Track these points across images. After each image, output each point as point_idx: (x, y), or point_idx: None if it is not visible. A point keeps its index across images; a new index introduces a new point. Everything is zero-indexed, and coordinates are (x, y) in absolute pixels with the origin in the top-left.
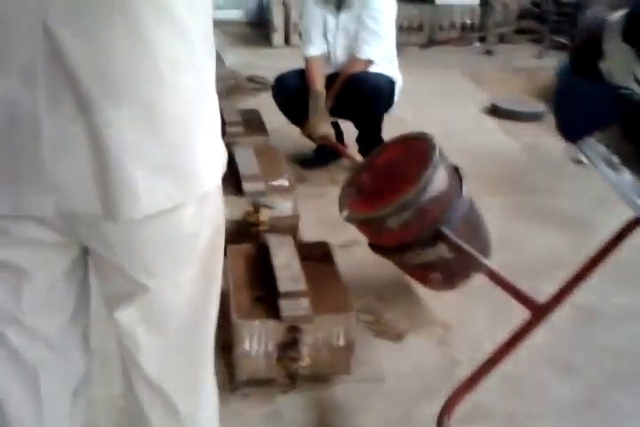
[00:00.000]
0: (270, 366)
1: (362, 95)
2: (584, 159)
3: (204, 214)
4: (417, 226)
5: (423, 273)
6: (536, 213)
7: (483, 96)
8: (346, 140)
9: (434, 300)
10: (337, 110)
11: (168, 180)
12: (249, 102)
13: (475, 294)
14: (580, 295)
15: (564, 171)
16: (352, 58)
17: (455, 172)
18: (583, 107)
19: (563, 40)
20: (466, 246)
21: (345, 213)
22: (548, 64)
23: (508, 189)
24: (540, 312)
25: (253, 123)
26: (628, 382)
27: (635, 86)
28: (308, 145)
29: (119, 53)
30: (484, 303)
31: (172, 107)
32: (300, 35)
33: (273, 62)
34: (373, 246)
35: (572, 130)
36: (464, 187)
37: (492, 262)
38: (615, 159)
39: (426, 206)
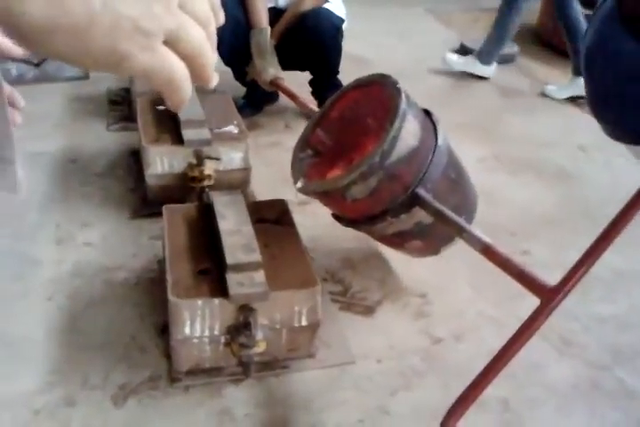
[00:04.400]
0: (217, 354)
1: (320, 35)
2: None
3: None
4: (387, 193)
5: (400, 242)
6: (514, 164)
7: (450, 36)
8: (295, 83)
9: (408, 264)
10: (285, 60)
11: None
12: None
13: (453, 255)
14: (570, 258)
15: (540, 116)
16: None
17: (426, 117)
18: None
19: None
20: (449, 213)
21: (300, 183)
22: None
23: (482, 138)
24: (550, 298)
25: None
26: (632, 358)
27: None
28: (234, 87)
29: None
30: (464, 266)
31: None
32: None
33: None
34: (338, 218)
35: (629, 130)
36: (439, 135)
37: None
38: None
39: (395, 169)
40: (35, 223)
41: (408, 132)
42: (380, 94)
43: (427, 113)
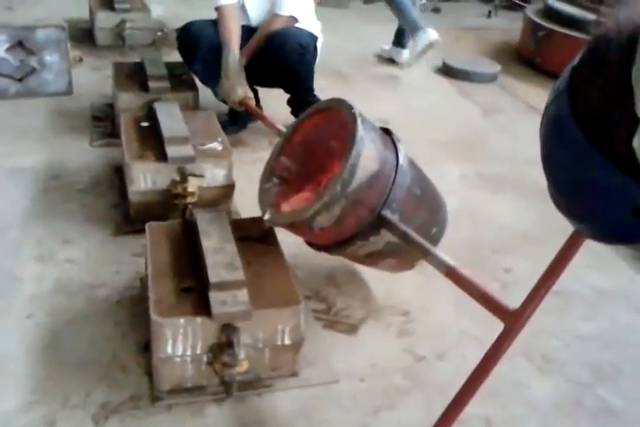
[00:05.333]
0: (200, 373)
1: (285, 55)
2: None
3: None
4: (353, 218)
5: (373, 261)
6: (498, 183)
7: (433, 55)
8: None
9: (391, 282)
10: (257, 78)
11: None
12: (177, 56)
13: (435, 274)
14: None
15: (522, 134)
16: (272, 15)
17: (386, 135)
18: (608, 209)
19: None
20: (414, 236)
21: (267, 215)
22: (498, 24)
23: (466, 156)
24: (513, 321)
25: (181, 78)
26: (613, 376)
27: None
28: (217, 104)
29: None
30: (446, 285)
31: None
32: None
33: (204, 14)
34: (310, 243)
35: (602, 233)
36: (400, 154)
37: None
38: None
39: (358, 195)
40: (15, 240)
41: (367, 158)
42: (339, 117)
43: (387, 132)
